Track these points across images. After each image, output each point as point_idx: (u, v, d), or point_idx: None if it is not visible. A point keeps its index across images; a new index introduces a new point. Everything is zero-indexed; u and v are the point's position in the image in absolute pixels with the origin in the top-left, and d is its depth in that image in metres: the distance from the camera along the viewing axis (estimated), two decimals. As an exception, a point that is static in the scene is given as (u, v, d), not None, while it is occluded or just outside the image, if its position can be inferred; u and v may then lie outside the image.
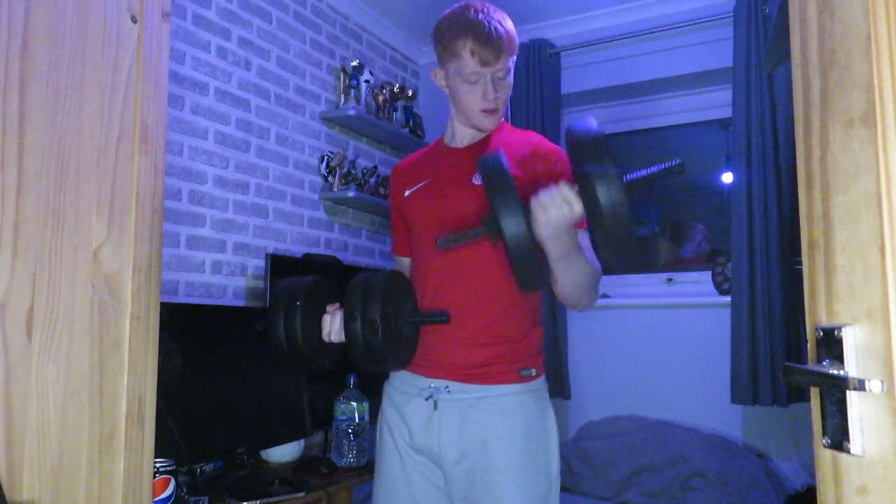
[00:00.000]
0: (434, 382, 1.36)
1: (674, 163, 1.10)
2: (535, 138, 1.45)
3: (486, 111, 1.40)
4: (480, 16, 1.35)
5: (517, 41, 1.40)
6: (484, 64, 1.34)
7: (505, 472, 1.30)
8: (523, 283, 1.17)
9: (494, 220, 1.10)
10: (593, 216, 1.07)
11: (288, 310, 1.28)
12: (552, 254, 1.19)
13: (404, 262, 1.55)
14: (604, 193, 1.02)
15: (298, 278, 1.36)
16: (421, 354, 1.38)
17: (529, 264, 1.12)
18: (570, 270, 1.24)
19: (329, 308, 1.32)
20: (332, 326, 1.30)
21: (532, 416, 1.34)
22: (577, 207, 1.09)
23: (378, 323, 1.21)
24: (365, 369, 1.30)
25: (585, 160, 1.06)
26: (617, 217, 1.03)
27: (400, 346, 1.31)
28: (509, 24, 1.39)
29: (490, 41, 1.33)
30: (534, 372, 1.37)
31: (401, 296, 1.33)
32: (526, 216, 1.10)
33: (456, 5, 1.41)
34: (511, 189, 1.10)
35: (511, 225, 1.08)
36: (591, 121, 1.12)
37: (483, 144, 1.44)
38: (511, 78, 1.41)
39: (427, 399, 1.36)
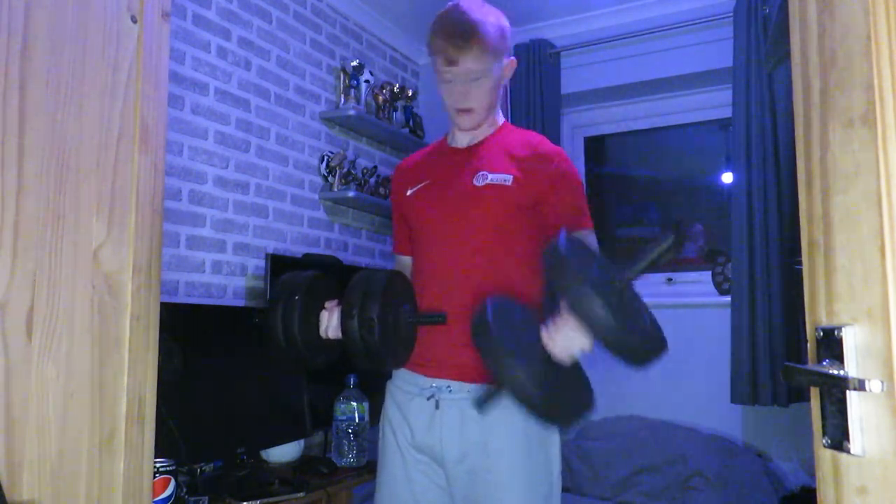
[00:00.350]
0: (436, 382, 1.36)
1: (665, 238, 1.06)
2: (535, 138, 1.45)
3: (460, 110, 1.40)
4: (456, 14, 1.34)
5: (494, 42, 1.34)
6: (448, 63, 1.34)
7: (506, 471, 1.30)
8: (546, 420, 1.15)
9: (501, 383, 1.08)
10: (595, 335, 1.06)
11: (287, 304, 1.27)
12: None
13: (405, 261, 1.55)
14: (588, 318, 1.02)
15: (299, 273, 1.36)
16: (423, 354, 1.38)
17: (542, 407, 1.09)
18: None
19: (328, 304, 1.32)
20: (330, 323, 1.29)
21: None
22: (588, 339, 1.09)
23: (375, 322, 1.21)
24: (361, 367, 1.30)
25: (561, 288, 1.06)
26: (609, 331, 1.02)
27: (397, 346, 1.31)
28: (490, 25, 1.34)
29: (454, 38, 1.32)
30: (536, 372, 1.37)
31: (400, 296, 1.33)
32: (526, 365, 1.06)
33: (448, 5, 1.40)
34: (497, 347, 1.08)
35: (513, 383, 1.06)
36: (559, 243, 1.10)
37: (483, 145, 1.44)
38: (489, 81, 1.37)
39: (429, 398, 1.36)
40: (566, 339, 1.10)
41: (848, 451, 0.62)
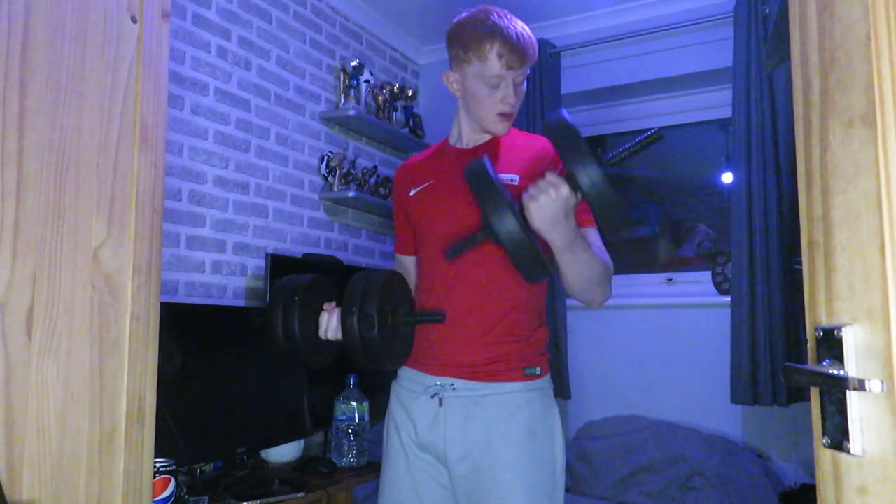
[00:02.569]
0: (440, 380, 1.37)
1: (650, 132, 1.15)
2: (539, 142, 1.46)
3: (503, 115, 1.41)
4: (505, 21, 1.38)
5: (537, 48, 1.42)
6: (510, 68, 1.36)
7: (509, 469, 1.30)
8: (527, 275, 1.20)
9: (487, 222, 1.14)
10: (584, 198, 1.13)
11: (286, 306, 1.31)
12: (554, 244, 1.20)
13: (407, 261, 1.56)
14: (582, 175, 1.09)
15: (298, 276, 1.39)
16: (428, 352, 1.39)
17: (529, 257, 1.15)
18: (576, 263, 1.25)
19: (326, 306, 1.35)
20: (329, 324, 1.32)
21: (537, 415, 1.35)
22: (564, 189, 1.13)
23: (375, 319, 1.24)
24: (360, 366, 1.33)
25: (561, 148, 1.13)
26: (601, 193, 1.11)
27: (396, 344, 1.34)
28: (529, 31, 1.41)
29: (518, 45, 1.35)
30: (539, 371, 1.38)
31: (398, 295, 1.36)
32: (515, 212, 1.13)
33: (475, 10, 1.41)
34: (494, 189, 1.14)
35: (502, 224, 1.12)
36: (563, 113, 1.17)
37: (489, 146, 1.45)
38: (525, 85, 1.43)
39: (433, 396, 1.37)
40: (540, 190, 1.15)
41: (848, 451, 0.62)
